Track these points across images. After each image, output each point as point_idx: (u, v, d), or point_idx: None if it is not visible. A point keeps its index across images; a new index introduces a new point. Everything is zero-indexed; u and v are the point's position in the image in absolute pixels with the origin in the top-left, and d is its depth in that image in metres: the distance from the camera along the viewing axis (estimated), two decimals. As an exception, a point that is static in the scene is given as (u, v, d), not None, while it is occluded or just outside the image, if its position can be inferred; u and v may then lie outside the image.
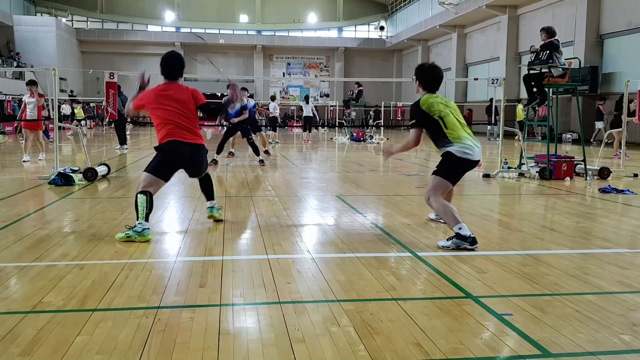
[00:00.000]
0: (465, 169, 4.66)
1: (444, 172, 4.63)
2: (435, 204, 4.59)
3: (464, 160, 4.54)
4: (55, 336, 2.58)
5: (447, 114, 4.59)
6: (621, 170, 9.95)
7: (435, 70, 4.83)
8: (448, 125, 4.56)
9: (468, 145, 4.54)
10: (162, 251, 4.32)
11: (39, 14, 40.92)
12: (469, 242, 4.32)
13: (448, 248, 4.34)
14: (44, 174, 8.73)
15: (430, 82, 4.75)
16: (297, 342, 2.54)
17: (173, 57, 4.95)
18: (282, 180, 9.04)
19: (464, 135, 4.57)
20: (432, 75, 4.78)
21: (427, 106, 4.59)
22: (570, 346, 2.53)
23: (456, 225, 4.40)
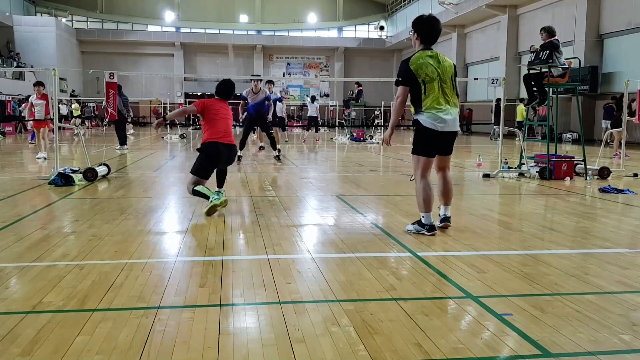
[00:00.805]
0: (432, 140, 4.54)
1: (414, 145, 4.63)
2: (417, 185, 4.65)
3: (431, 130, 4.48)
4: (55, 336, 2.58)
5: (432, 80, 4.49)
6: (621, 170, 9.95)
7: (434, 21, 4.70)
8: (427, 92, 4.48)
9: (438, 115, 4.46)
10: (162, 251, 4.32)
11: (38, 14, 40.94)
12: (426, 229, 4.62)
13: (410, 232, 4.68)
14: (44, 174, 8.73)
15: (428, 34, 4.65)
16: (297, 342, 2.54)
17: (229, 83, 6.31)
18: (282, 180, 9.04)
19: (439, 104, 4.47)
20: (430, 26, 4.66)
21: (415, 67, 4.52)
22: (570, 346, 2.53)
23: (422, 212, 4.63)
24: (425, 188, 4.60)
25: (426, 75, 4.49)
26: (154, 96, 39.67)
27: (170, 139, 21.09)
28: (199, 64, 44.02)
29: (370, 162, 13.09)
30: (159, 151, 16.03)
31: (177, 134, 22.87)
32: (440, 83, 4.54)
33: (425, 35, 4.64)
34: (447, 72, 4.63)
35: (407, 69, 4.55)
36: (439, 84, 4.53)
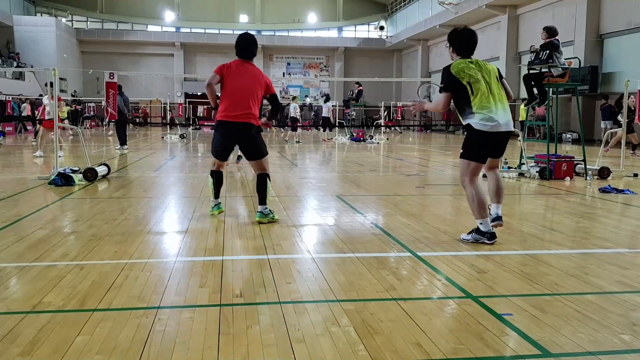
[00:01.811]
0: (484, 142, 4.37)
1: (465, 150, 4.45)
2: (467, 191, 4.44)
3: (481, 132, 4.29)
4: (55, 336, 2.58)
5: (478, 80, 4.36)
6: (621, 170, 9.95)
7: (469, 33, 4.62)
8: (475, 92, 4.34)
9: (490, 116, 4.28)
10: (162, 251, 4.32)
11: (38, 14, 40.93)
12: (486, 237, 4.41)
13: (468, 241, 4.44)
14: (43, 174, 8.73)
15: (463, 47, 4.56)
16: (297, 342, 2.54)
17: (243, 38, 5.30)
18: (282, 180, 9.04)
19: (488, 103, 4.32)
20: (465, 39, 4.59)
21: (457, 70, 4.41)
22: (570, 346, 2.53)
23: (478, 219, 4.43)
24: (478, 193, 4.40)
25: (470, 76, 4.38)
26: (154, 96, 39.67)
27: (170, 139, 21.08)
28: (199, 64, 44.01)
29: (370, 162, 13.09)
30: (159, 151, 16.03)
31: (177, 134, 22.87)
32: (487, 84, 4.42)
33: (460, 48, 4.58)
34: (491, 73, 4.51)
35: (449, 74, 4.46)
36: (486, 84, 4.41)
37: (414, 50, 41.43)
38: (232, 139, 5.23)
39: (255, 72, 5.22)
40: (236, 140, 5.23)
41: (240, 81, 5.08)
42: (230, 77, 5.10)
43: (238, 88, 5.06)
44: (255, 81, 5.14)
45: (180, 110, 35.75)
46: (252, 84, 5.11)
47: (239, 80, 5.08)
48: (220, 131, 5.20)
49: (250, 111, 5.08)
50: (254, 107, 5.10)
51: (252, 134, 5.14)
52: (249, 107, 5.07)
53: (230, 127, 5.11)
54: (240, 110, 5.04)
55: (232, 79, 5.09)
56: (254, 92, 5.11)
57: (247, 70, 5.16)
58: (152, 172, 9.98)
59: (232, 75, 5.10)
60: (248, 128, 5.10)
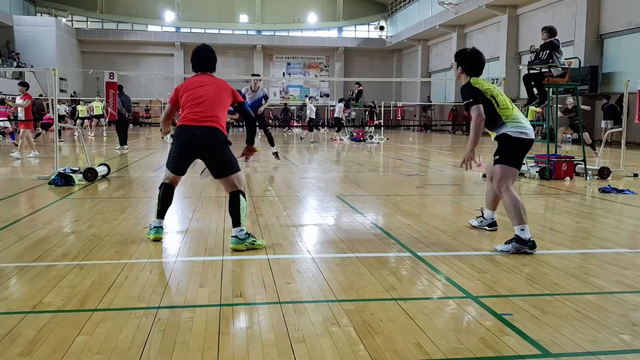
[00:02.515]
0: (523, 150, 4.51)
1: (506, 158, 4.43)
2: (506, 197, 4.37)
3: (521, 140, 4.39)
4: (55, 336, 2.58)
5: (498, 94, 4.49)
6: (621, 170, 9.95)
7: (478, 55, 4.66)
8: (500, 104, 4.43)
9: (522, 124, 4.41)
10: (162, 251, 4.32)
11: (38, 14, 40.92)
12: (528, 247, 4.19)
13: (508, 253, 4.18)
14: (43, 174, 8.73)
15: (473, 68, 4.59)
16: (297, 342, 2.54)
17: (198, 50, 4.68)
18: (282, 180, 9.04)
19: (517, 114, 4.45)
20: (475, 61, 4.62)
21: (478, 85, 4.48)
22: (570, 346, 2.53)
23: (519, 225, 4.23)
24: (516, 198, 4.34)
25: (491, 89, 4.48)
26: (154, 96, 39.66)
27: (170, 139, 21.08)
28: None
29: (370, 162, 13.08)
30: (159, 151, 16.03)
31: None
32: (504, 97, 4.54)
33: (470, 69, 4.59)
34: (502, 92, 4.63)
35: (472, 88, 4.45)
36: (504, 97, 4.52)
37: (414, 50, 41.43)
38: (193, 147, 4.33)
39: (216, 80, 4.56)
40: (198, 149, 4.33)
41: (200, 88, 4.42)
42: (188, 90, 4.45)
43: (199, 94, 4.38)
44: (219, 87, 4.47)
45: (180, 110, 35.66)
46: (216, 89, 4.44)
47: (198, 88, 4.43)
48: (180, 137, 4.39)
49: (215, 114, 4.33)
50: (219, 112, 4.38)
51: (218, 142, 4.31)
52: (214, 110, 4.34)
53: (190, 132, 4.29)
54: (202, 114, 4.30)
55: (190, 90, 4.43)
56: (218, 97, 4.41)
57: (207, 79, 4.51)
58: (152, 172, 9.97)
59: (190, 87, 4.46)
60: (213, 133, 4.29)
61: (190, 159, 4.48)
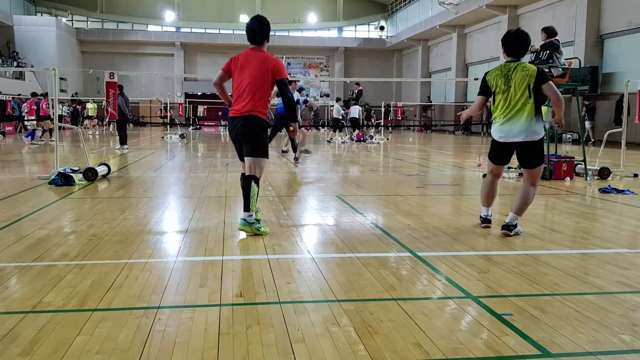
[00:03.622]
0: (497, 150, 4.93)
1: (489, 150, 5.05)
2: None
3: (494, 141, 4.91)
4: (55, 336, 2.58)
5: (499, 92, 4.77)
6: (621, 170, 9.95)
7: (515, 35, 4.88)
8: (495, 102, 4.82)
9: (496, 127, 4.84)
10: (162, 251, 4.32)
11: (39, 13, 40.94)
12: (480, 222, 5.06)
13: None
14: (43, 173, 8.74)
15: (508, 47, 4.86)
16: (297, 342, 2.54)
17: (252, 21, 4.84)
18: (282, 180, 9.04)
19: (497, 117, 4.81)
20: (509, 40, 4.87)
21: (489, 77, 4.87)
22: (570, 346, 2.53)
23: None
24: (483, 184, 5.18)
25: (496, 86, 4.79)
26: (154, 96, 39.70)
27: (171, 139, 21.08)
28: (199, 64, 44.03)
29: (370, 162, 13.09)
30: (159, 151, 16.04)
31: (177, 133, 22.88)
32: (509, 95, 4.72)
33: (507, 49, 4.87)
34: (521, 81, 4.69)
35: (484, 79, 4.94)
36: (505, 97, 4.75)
37: (414, 51, 41.44)
38: (233, 134, 4.81)
39: (262, 58, 4.73)
40: (240, 135, 4.74)
41: (244, 72, 4.71)
42: (236, 70, 4.77)
43: (242, 80, 4.71)
44: (261, 70, 4.68)
45: (181, 110, 35.78)
46: (257, 73, 4.67)
47: (243, 71, 4.72)
48: (229, 129, 4.86)
49: (254, 104, 4.65)
50: (257, 99, 4.67)
51: (252, 126, 4.67)
52: (251, 98, 4.65)
53: (233, 123, 4.74)
54: (242, 103, 4.68)
55: (237, 72, 4.76)
56: (257, 82, 4.67)
57: (254, 58, 4.73)
58: (152, 172, 9.98)
59: (238, 67, 4.77)
60: (248, 119, 4.65)
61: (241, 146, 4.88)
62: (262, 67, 4.68)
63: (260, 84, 4.68)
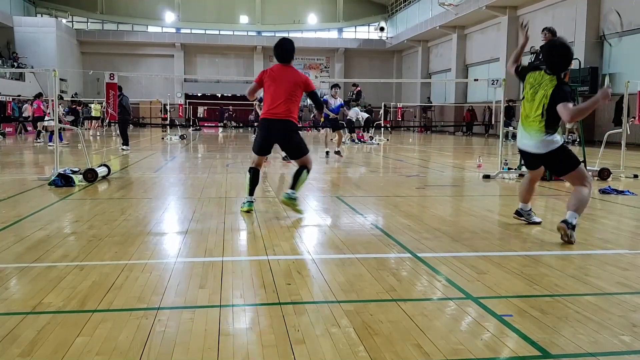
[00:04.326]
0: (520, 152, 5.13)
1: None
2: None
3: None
4: (55, 337, 2.58)
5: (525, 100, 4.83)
6: (621, 171, 9.95)
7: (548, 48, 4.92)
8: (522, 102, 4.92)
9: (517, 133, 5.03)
10: (162, 252, 4.32)
11: (39, 14, 40.97)
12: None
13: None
14: (43, 174, 8.74)
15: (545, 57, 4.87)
16: (297, 343, 2.54)
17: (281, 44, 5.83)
18: (282, 180, 9.04)
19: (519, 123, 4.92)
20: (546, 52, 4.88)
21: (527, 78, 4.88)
22: (571, 347, 2.53)
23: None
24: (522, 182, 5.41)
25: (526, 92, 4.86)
26: (154, 97, 39.71)
27: (171, 140, 21.09)
28: (199, 65, 44.05)
29: (370, 163, 13.09)
30: (159, 152, 16.04)
31: (177, 134, 22.89)
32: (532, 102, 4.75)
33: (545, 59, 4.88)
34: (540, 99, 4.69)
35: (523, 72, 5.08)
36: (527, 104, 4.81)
37: (414, 51, 41.45)
38: (272, 135, 5.67)
39: (293, 73, 5.70)
40: (276, 137, 5.68)
41: (277, 84, 5.60)
42: (269, 80, 5.65)
43: (275, 90, 5.58)
44: (293, 83, 5.62)
45: (181, 111, 35.79)
46: (290, 86, 5.60)
47: (276, 83, 5.60)
48: (262, 127, 5.69)
49: (289, 110, 5.59)
50: (292, 108, 5.63)
51: (291, 132, 5.66)
52: (288, 107, 5.59)
53: (270, 124, 5.61)
54: (280, 109, 5.55)
55: (271, 81, 5.64)
56: (293, 94, 5.62)
57: (285, 73, 5.66)
58: (152, 173, 9.98)
59: (271, 78, 5.65)
60: (287, 125, 5.61)
61: (271, 144, 5.82)
62: (295, 81, 5.65)
63: (293, 95, 5.63)
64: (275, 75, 5.65)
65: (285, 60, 5.75)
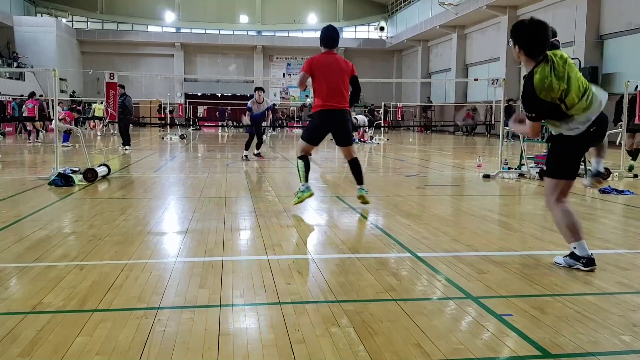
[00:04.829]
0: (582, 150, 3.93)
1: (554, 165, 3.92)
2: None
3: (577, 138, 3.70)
4: (55, 337, 2.58)
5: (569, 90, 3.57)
6: (621, 170, 9.95)
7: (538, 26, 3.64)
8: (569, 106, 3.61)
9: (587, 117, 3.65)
10: (162, 252, 4.32)
11: (39, 14, 40.97)
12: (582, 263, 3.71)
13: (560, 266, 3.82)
14: (43, 174, 8.74)
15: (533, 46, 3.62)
16: (297, 343, 2.54)
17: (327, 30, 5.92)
18: (282, 180, 9.04)
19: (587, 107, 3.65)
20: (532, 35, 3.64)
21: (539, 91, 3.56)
22: (570, 347, 2.53)
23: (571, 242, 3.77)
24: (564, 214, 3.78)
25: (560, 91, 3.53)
26: (155, 96, 39.71)
27: (171, 140, 21.09)
28: (199, 65, 44.05)
29: (371, 163, 13.09)
30: (159, 152, 16.04)
31: (177, 134, 22.88)
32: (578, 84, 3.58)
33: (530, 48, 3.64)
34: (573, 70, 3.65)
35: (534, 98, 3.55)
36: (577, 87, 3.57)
37: (414, 51, 41.45)
38: (329, 125, 5.86)
39: (339, 60, 5.83)
40: (332, 126, 5.85)
41: (329, 73, 5.72)
42: (320, 71, 5.75)
43: (329, 79, 5.71)
44: (342, 70, 5.77)
45: (181, 110, 35.80)
46: (340, 73, 5.75)
47: (328, 72, 5.72)
48: (320, 119, 5.80)
49: (344, 98, 5.77)
50: (345, 94, 5.82)
51: (347, 121, 5.90)
52: (342, 94, 5.77)
53: (328, 115, 5.76)
54: (335, 99, 5.72)
55: (321, 72, 5.74)
56: (343, 80, 5.78)
57: (333, 61, 5.78)
58: (152, 173, 9.98)
59: (321, 69, 5.75)
60: (344, 114, 5.83)
61: (325, 134, 6.01)
62: (345, 69, 5.81)
63: (345, 83, 5.81)
64: (325, 65, 5.74)
65: (333, 46, 5.87)
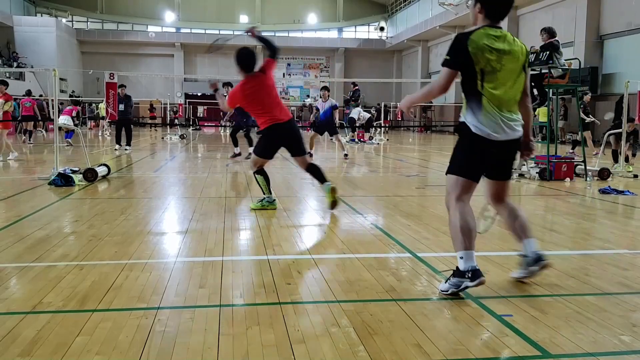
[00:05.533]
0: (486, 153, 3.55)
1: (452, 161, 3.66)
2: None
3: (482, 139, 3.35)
4: (55, 337, 2.58)
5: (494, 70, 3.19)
6: (621, 171, 9.95)
7: None
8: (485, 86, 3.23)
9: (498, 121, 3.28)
10: (162, 251, 4.32)
11: (39, 14, 40.94)
12: (468, 278, 3.13)
13: (447, 293, 3.19)
14: (43, 174, 8.74)
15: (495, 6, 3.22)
16: (297, 343, 2.54)
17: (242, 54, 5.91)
18: (282, 180, 9.04)
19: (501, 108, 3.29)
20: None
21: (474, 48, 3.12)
22: (570, 347, 2.53)
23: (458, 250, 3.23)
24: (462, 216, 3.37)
25: (488, 63, 3.12)
26: (154, 97, 39.69)
27: (171, 140, 21.09)
28: (199, 65, 44.03)
29: (370, 163, 13.09)
30: (159, 152, 16.04)
31: (177, 134, 22.88)
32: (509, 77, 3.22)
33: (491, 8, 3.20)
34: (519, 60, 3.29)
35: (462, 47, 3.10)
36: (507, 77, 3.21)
37: (414, 51, 41.43)
38: (284, 138, 5.86)
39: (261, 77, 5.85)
40: (286, 137, 5.86)
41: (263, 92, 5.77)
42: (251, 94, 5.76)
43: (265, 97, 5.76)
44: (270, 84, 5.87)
45: (181, 110, 35.79)
46: (269, 88, 5.82)
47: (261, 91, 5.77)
48: (275, 133, 5.81)
49: (285, 109, 5.89)
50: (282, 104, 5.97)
51: (297, 129, 6.01)
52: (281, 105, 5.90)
53: (280, 128, 5.77)
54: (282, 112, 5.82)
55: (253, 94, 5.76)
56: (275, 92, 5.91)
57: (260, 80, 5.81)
58: (152, 173, 9.98)
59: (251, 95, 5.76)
60: (292, 123, 5.94)
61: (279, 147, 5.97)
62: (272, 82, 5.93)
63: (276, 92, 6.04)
64: (254, 92, 5.75)
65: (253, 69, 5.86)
